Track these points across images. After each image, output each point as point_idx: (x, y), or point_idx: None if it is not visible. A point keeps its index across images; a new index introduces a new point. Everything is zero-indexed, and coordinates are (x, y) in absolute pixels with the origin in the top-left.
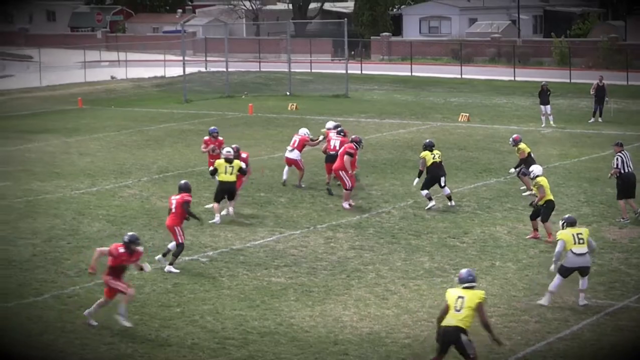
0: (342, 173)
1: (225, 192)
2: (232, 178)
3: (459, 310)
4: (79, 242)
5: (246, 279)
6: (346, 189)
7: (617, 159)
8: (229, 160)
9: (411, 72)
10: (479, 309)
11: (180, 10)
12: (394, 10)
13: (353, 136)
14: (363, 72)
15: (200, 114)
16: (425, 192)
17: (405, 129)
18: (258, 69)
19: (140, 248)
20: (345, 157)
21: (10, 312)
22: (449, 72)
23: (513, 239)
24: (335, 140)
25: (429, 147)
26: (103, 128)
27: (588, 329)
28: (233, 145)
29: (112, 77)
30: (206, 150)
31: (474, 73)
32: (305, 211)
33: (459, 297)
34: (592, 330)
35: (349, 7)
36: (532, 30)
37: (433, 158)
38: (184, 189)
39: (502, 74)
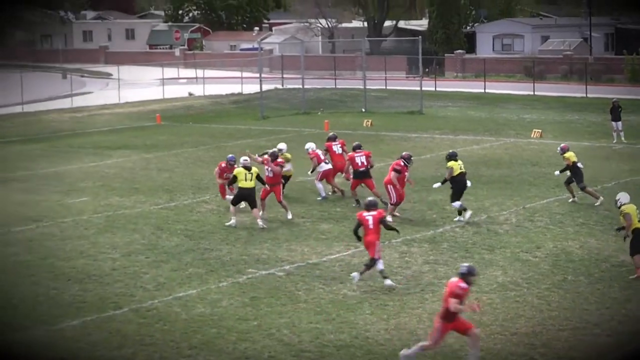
0: (389, 187)
1: (244, 197)
2: (251, 184)
3: None
4: (157, 257)
5: (322, 293)
6: (391, 204)
7: None
8: (247, 168)
9: (484, 89)
10: None
11: (257, 28)
12: (468, 28)
13: (403, 153)
14: (437, 89)
15: (276, 130)
16: (457, 203)
17: (478, 145)
18: (334, 86)
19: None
20: (392, 173)
21: (92, 325)
22: (521, 89)
23: (585, 253)
24: (360, 157)
25: (454, 157)
26: (181, 144)
27: None
28: (274, 149)
29: (190, 94)
30: (220, 178)
31: (546, 90)
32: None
33: None
34: None
35: (423, 25)
36: (603, 47)
37: (460, 168)
38: (374, 205)
39: (574, 90)
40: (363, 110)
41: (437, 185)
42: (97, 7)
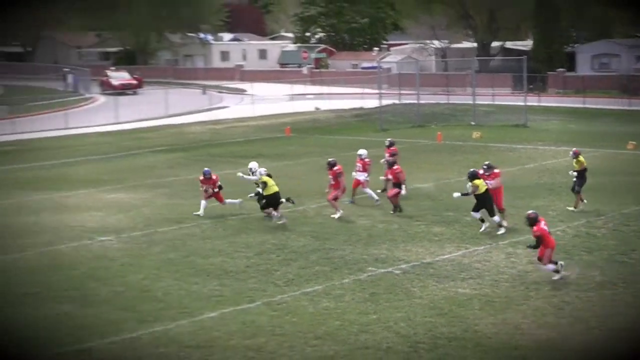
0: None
1: (277, 200)
2: (277, 188)
3: None
4: (287, 255)
5: (435, 290)
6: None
7: None
8: (270, 175)
9: (584, 103)
10: None
11: (377, 49)
12: (569, 48)
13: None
14: (540, 103)
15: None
16: (477, 215)
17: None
18: (446, 101)
19: None
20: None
21: (228, 316)
22: (617, 104)
23: None
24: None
25: (477, 176)
26: (308, 154)
27: None
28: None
29: (316, 108)
30: (203, 189)
31: None
32: (488, 229)
33: None
34: None
35: (527, 45)
36: None
37: (484, 185)
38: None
39: None
40: (472, 123)
41: (456, 194)
42: (233, 30)
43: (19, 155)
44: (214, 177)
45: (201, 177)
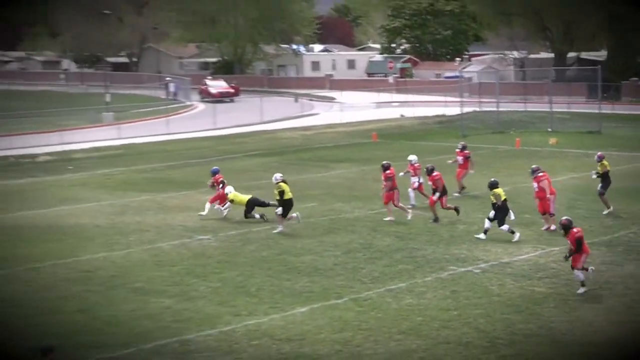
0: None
1: (292, 206)
2: (292, 195)
3: None
4: (372, 254)
5: (513, 288)
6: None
7: None
8: (285, 181)
9: None
10: None
11: (459, 59)
12: None
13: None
14: (614, 111)
15: (474, 147)
16: (488, 224)
17: None
18: (524, 109)
19: None
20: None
21: (317, 311)
22: None
23: None
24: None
25: (497, 185)
26: (393, 158)
27: None
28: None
29: (401, 115)
30: (211, 186)
31: None
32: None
33: None
34: None
35: (602, 55)
36: None
37: (505, 196)
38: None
39: None
40: (549, 129)
41: (492, 213)
42: (324, 41)
43: (124, 159)
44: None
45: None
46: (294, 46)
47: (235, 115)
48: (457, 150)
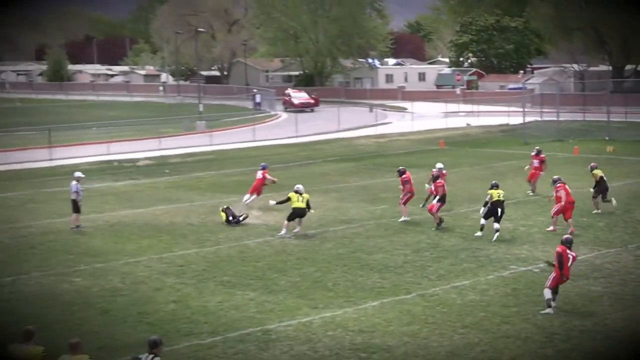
0: None
1: (298, 215)
2: (303, 205)
3: None
4: (439, 254)
5: (569, 287)
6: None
7: None
8: (299, 193)
9: None
10: None
11: (522, 71)
12: None
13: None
14: None
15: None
16: (483, 221)
17: None
18: (582, 118)
19: None
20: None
21: (387, 305)
22: None
23: None
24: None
25: (495, 186)
26: (459, 164)
27: None
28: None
29: (468, 124)
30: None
31: None
32: (619, 234)
33: None
34: None
35: None
36: None
37: (498, 196)
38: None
39: None
40: (606, 138)
41: (482, 210)
42: (397, 56)
43: (214, 163)
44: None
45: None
46: (370, 60)
47: (315, 124)
48: (533, 154)
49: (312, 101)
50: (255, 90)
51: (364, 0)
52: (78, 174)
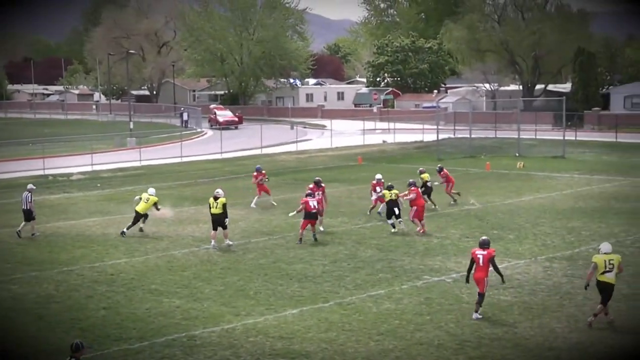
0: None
1: (215, 222)
2: (218, 211)
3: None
4: (356, 264)
5: None
6: None
7: None
8: (215, 198)
9: (616, 138)
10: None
11: (436, 91)
12: (604, 90)
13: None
14: (577, 138)
15: (448, 170)
16: (389, 221)
17: (610, 184)
18: (494, 135)
19: None
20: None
21: (306, 313)
22: None
23: None
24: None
25: (389, 188)
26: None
27: None
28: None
29: (384, 141)
30: (255, 181)
31: None
32: (528, 246)
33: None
34: None
35: (567, 87)
36: None
37: (390, 196)
38: (486, 244)
39: None
40: (517, 154)
41: (381, 207)
42: (317, 76)
43: (144, 177)
44: (263, 171)
45: (255, 173)
46: (291, 80)
47: (239, 141)
48: (438, 172)
49: (236, 119)
50: (182, 109)
51: (287, 24)
52: (30, 186)
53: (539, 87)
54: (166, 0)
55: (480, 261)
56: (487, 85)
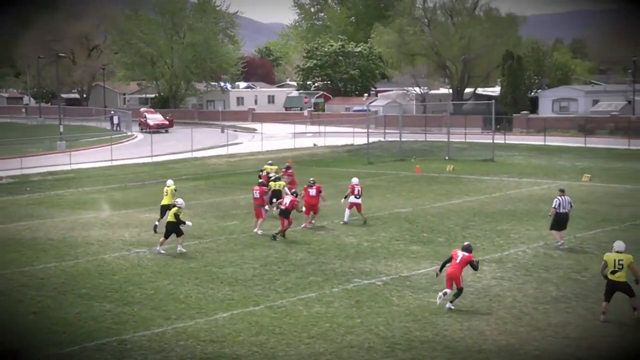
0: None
1: (170, 230)
2: (172, 219)
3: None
4: (286, 267)
5: (411, 299)
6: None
7: (555, 201)
8: (173, 206)
9: (545, 141)
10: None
11: (366, 94)
12: (532, 93)
13: None
14: (506, 141)
15: (379, 173)
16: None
17: (539, 187)
18: (424, 139)
19: None
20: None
21: (237, 317)
22: (575, 142)
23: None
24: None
25: (276, 180)
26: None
27: None
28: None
29: (315, 145)
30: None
31: (595, 143)
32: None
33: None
34: None
35: (496, 91)
36: None
37: (275, 187)
38: (468, 250)
39: (619, 144)
40: (447, 158)
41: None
42: (248, 79)
43: (74, 181)
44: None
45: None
46: (222, 83)
47: (169, 144)
48: (283, 170)
49: (167, 122)
50: (113, 112)
51: (217, 27)
52: None
53: (468, 90)
54: (97, 3)
55: (458, 259)
56: (417, 89)
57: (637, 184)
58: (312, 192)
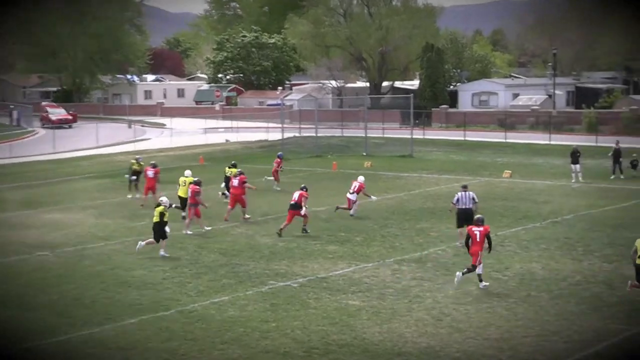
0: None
1: (157, 232)
2: (155, 219)
3: None
4: (198, 270)
5: (328, 301)
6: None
7: (454, 196)
8: (158, 205)
9: (464, 136)
10: None
11: (280, 88)
12: (451, 87)
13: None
14: (425, 136)
15: (295, 170)
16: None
17: (459, 183)
18: (341, 134)
19: None
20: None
21: (146, 322)
22: (495, 137)
23: (547, 273)
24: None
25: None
26: (218, 180)
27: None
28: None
29: (227, 140)
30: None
31: (516, 138)
32: (376, 248)
33: None
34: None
35: (414, 84)
36: (565, 102)
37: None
38: (481, 221)
39: (539, 139)
40: (364, 154)
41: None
42: (156, 72)
43: None
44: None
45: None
46: (128, 76)
47: (73, 140)
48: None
49: (70, 117)
50: (12, 107)
51: (123, 17)
52: None
53: (386, 84)
54: None
55: (477, 237)
56: (333, 82)
57: (557, 180)
58: (235, 182)
